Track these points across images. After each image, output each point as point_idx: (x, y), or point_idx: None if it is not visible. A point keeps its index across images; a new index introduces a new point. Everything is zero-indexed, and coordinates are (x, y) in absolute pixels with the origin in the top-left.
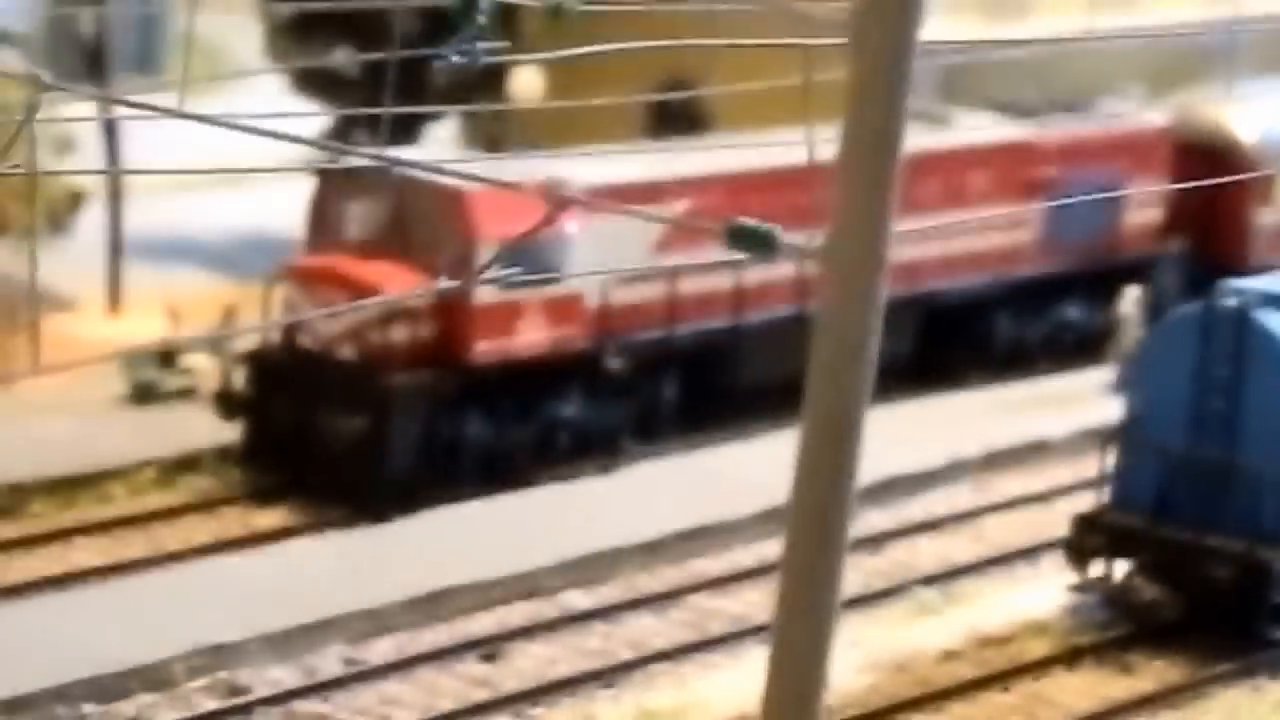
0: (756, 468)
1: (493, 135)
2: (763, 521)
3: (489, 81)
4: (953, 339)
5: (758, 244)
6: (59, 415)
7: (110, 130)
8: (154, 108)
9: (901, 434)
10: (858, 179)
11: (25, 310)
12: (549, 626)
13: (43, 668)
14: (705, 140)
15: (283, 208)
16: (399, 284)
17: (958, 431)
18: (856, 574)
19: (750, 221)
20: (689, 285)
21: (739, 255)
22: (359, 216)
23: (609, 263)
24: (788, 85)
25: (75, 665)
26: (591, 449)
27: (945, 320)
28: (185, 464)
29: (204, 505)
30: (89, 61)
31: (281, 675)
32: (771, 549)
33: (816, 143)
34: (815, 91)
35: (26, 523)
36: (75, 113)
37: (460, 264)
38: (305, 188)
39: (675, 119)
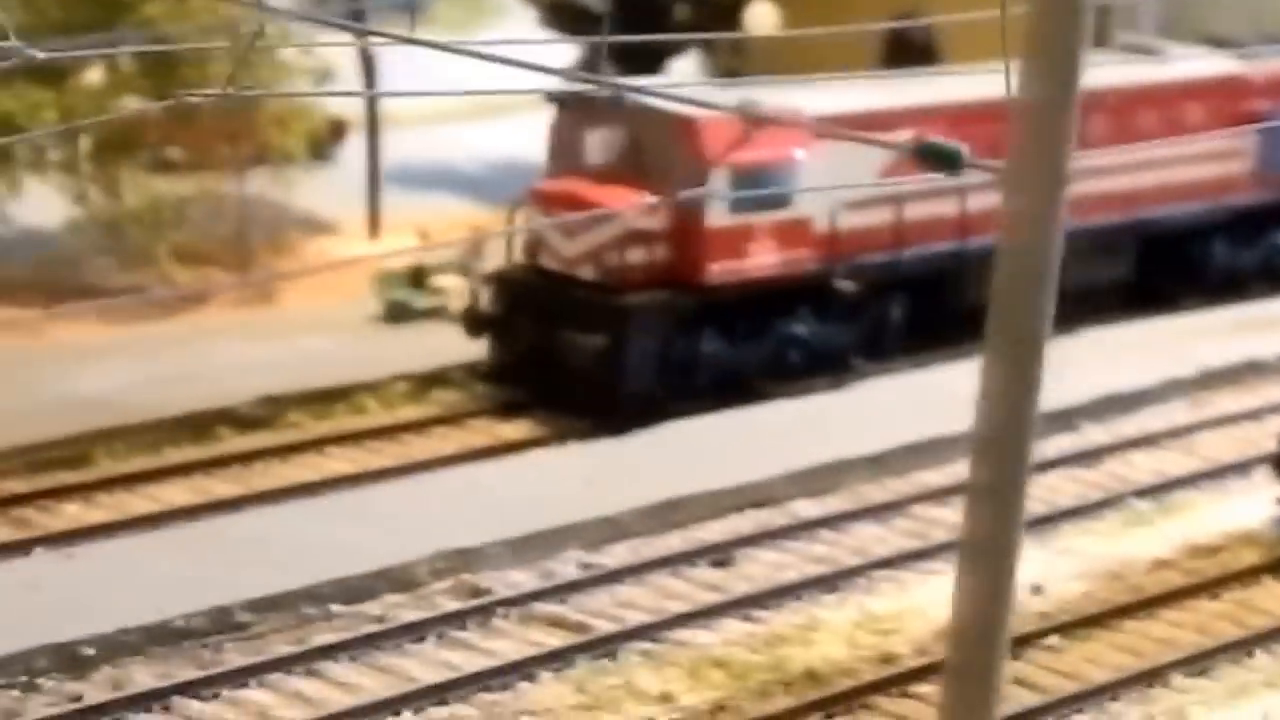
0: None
1: (730, 68)
2: None
3: (727, 15)
4: (1169, 265)
5: (945, 161)
6: (317, 333)
7: (367, 62)
8: (404, 38)
9: (1120, 355)
10: (1039, 100)
11: (289, 233)
12: (778, 534)
13: (294, 568)
14: (929, 71)
15: (531, 137)
16: (635, 207)
17: (1173, 353)
18: (1073, 486)
19: (939, 139)
20: (915, 211)
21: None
22: (597, 144)
23: (836, 188)
24: (1011, 17)
25: (325, 566)
26: (821, 367)
27: (1162, 247)
28: (435, 379)
29: (451, 418)
30: None
31: (521, 578)
32: None
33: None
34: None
35: (284, 432)
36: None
37: (693, 188)
38: (550, 120)
39: (907, 51)
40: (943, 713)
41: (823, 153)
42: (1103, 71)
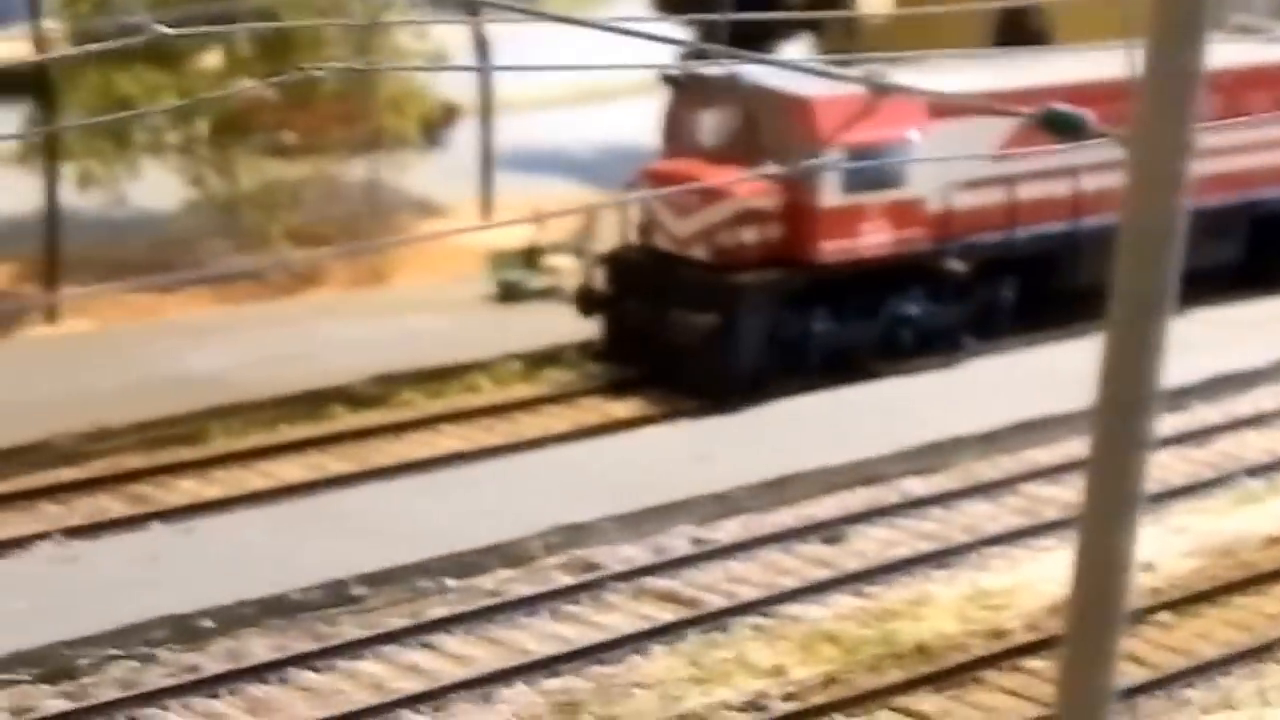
0: (1090, 365)
1: (842, 50)
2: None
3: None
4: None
5: (1069, 129)
6: (430, 312)
7: (481, 45)
8: (519, 10)
9: (1231, 335)
10: (1165, 66)
11: (402, 216)
12: (888, 511)
13: (408, 543)
14: (1042, 52)
15: (641, 122)
16: (749, 188)
17: None
18: (1185, 465)
19: (1063, 107)
20: (1027, 191)
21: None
22: (710, 124)
23: (950, 168)
24: None
25: (439, 542)
26: (931, 346)
27: (1273, 227)
28: (547, 358)
29: (563, 396)
30: None
31: (633, 553)
32: None
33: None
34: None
35: (397, 410)
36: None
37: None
38: (663, 101)
39: (1019, 33)
40: (1060, 684)
41: (937, 133)
42: (1216, 52)
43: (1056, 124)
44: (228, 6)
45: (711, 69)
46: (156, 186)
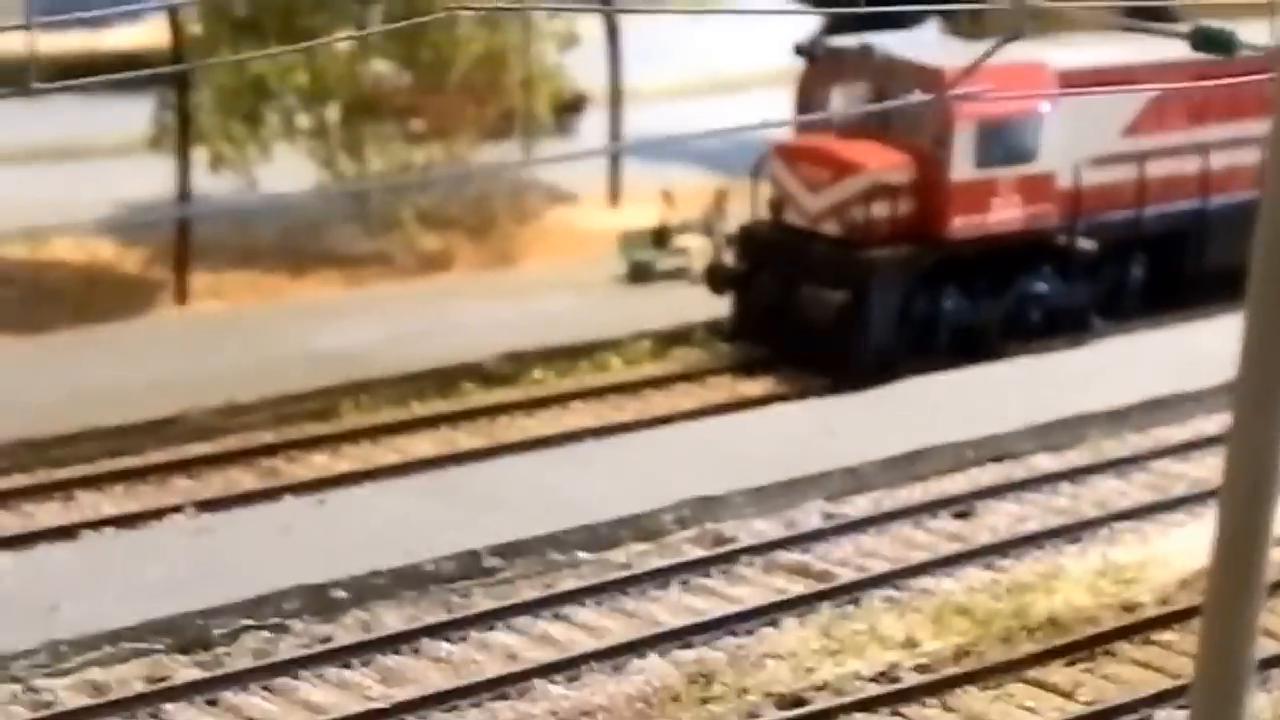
0: (1218, 344)
1: (971, 35)
2: (1223, 393)
3: None
4: None
5: (1219, 46)
6: (562, 293)
7: (612, 33)
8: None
9: None
10: None
11: (531, 201)
12: (1019, 486)
13: (541, 517)
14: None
15: (768, 112)
16: (881, 162)
17: None
18: None
19: (1213, 25)
20: (1157, 169)
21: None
22: (843, 99)
23: (1081, 144)
24: None
25: (571, 515)
26: (1060, 325)
27: None
28: (677, 337)
29: (693, 375)
30: None
31: (764, 527)
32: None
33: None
34: None
35: (528, 387)
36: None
37: (939, 142)
38: (790, 95)
39: (1146, 14)
40: (1199, 655)
41: (1070, 107)
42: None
43: (1207, 41)
44: None
45: (845, 41)
46: (288, 170)
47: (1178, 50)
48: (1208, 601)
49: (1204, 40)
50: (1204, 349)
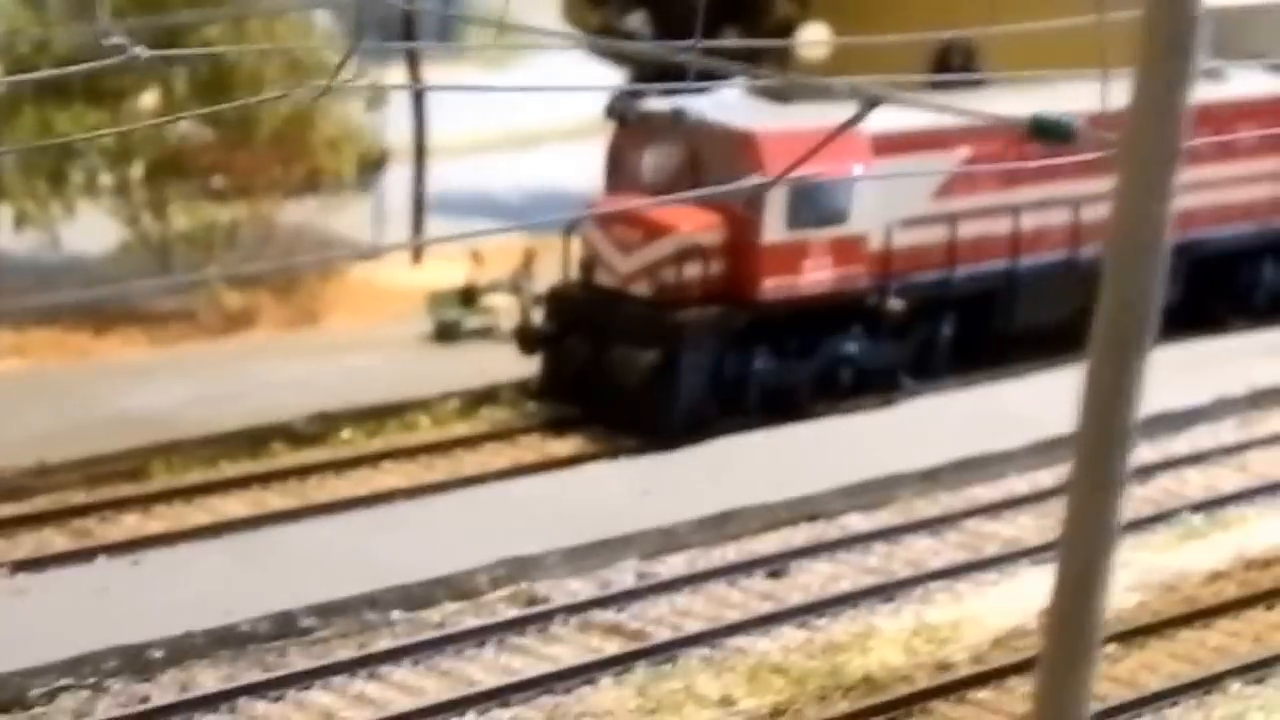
0: (1029, 403)
1: (781, 94)
2: (1035, 453)
3: (778, 38)
4: (1218, 286)
5: (1056, 134)
6: (369, 352)
7: (417, 94)
8: (461, 86)
9: (1169, 375)
10: (1154, 72)
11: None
12: (831, 546)
13: (354, 577)
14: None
15: (574, 167)
16: (692, 224)
17: (1223, 373)
18: (1127, 502)
19: (1052, 113)
20: (967, 230)
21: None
22: (653, 161)
23: (893, 205)
24: (1075, 25)
25: (384, 575)
26: (870, 385)
27: (1211, 268)
28: (485, 396)
29: (503, 434)
30: (400, 30)
31: (579, 587)
32: (1044, 478)
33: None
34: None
35: (337, 448)
36: (387, 78)
37: (751, 204)
38: (595, 149)
39: (950, 69)
40: (1036, 706)
41: (879, 170)
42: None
43: (1045, 132)
44: (171, 44)
45: (656, 104)
46: (91, 228)
47: (996, 108)
48: (1044, 650)
49: (1041, 130)
50: (1014, 408)
